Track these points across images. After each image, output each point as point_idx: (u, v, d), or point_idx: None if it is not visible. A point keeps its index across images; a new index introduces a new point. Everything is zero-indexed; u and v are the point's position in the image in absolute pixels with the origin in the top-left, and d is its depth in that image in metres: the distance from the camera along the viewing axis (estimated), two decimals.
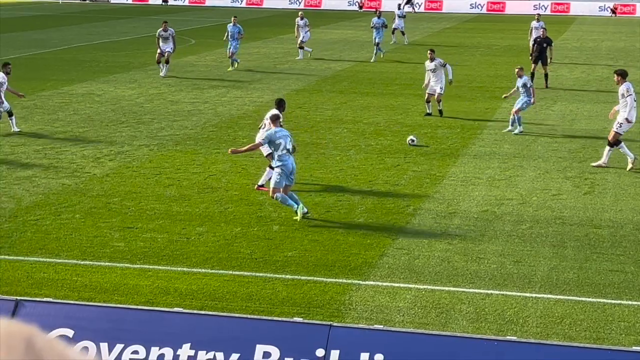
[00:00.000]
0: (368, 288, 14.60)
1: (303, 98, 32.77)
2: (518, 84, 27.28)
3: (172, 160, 23.21)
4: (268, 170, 20.39)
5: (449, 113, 30.03)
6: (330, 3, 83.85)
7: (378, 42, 44.88)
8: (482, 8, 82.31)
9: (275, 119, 18.34)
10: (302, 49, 45.18)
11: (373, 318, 13.30)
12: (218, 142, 25.38)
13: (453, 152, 24.69)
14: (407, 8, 78.75)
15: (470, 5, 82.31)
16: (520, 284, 14.87)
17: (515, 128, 27.06)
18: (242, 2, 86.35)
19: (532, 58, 36.98)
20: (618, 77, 23.10)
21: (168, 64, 37.77)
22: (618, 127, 22.68)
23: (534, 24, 43.77)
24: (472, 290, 14.56)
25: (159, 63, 37.96)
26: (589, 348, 10.86)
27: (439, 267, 15.61)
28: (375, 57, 44.83)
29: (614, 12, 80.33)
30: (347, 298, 14.17)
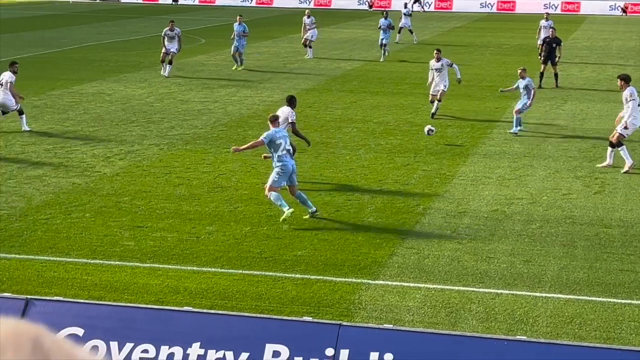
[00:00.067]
0: (378, 287, 14.59)
1: (313, 97, 32.78)
2: (520, 85, 27.10)
3: (182, 160, 23.23)
4: None
5: (459, 113, 29.98)
6: (340, 2, 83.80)
7: (385, 43, 44.74)
8: (492, 7, 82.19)
9: (274, 120, 18.30)
10: (310, 48, 45.10)
11: (382, 317, 13.29)
12: (228, 141, 25.39)
13: (463, 151, 24.66)
14: (416, 7, 78.71)
15: (481, 5, 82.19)
16: (530, 284, 14.84)
17: (513, 127, 26.77)
18: (252, 1, 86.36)
19: (541, 58, 36.90)
20: (621, 82, 23.09)
21: (171, 65, 37.50)
22: (623, 129, 22.62)
23: (543, 23, 43.68)
24: (482, 290, 14.54)
25: (163, 62, 37.75)
26: (599, 348, 10.83)
27: (449, 266, 15.60)
28: (384, 56, 44.79)
29: (625, 11, 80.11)
30: (356, 297, 14.16)
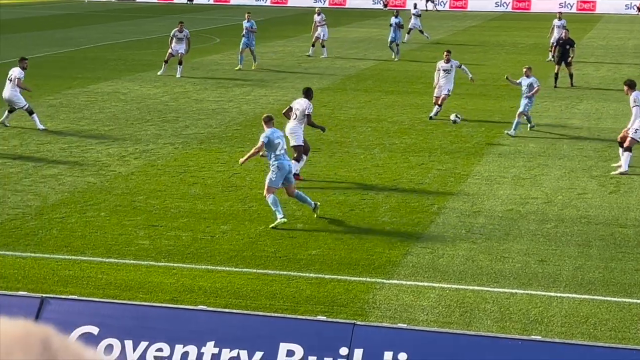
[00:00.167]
0: (392, 287, 14.58)
1: (327, 96, 32.77)
2: (523, 83, 26.87)
3: (196, 159, 23.27)
4: (294, 163, 20.82)
5: (474, 112, 29.92)
6: (355, 2, 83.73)
7: (397, 42, 44.37)
8: (507, 6, 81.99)
9: (269, 120, 18.16)
10: (324, 47, 45.03)
11: (397, 317, 13.28)
12: (242, 140, 25.41)
13: (478, 150, 24.62)
14: (429, 6, 78.53)
15: (496, 4, 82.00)
16: (545, 284, 14.81)
17: (511, 129, 26.53)
18: (266, 0, 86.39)
19: (554, 60, 36.80)
20: (626, 88, 23.00)
21: (182, 65, 37.30)
22: (634, 132, 22.46)
23: (556, 22, 43.59)
24: (496, 290, 14.52)
25: (166, 62, 37.42)
26: (615, 348, 10.80)
27: (463, 266, 15.57)
28: (398, 55, 44.61)
29: None
30: (370, 297, 14.16)
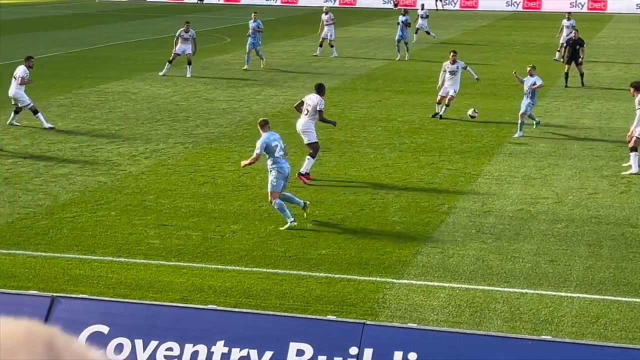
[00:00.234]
0: (402, 286, 14.58)
1: (337, 96, 32.76)
2: (526, 82, 26.74)
3: (206, 158, 23.29)
4: (308, 159, 20.93)
5: (484, 112, 29.86)
6: (365, 1, 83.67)
7: (406, 41, 44.18)
8: (518, 6, 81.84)
9: (264, 124, 18.07)
10: (332, 46, 44.95)
11: (407, 317, 13.28)
12: (253, 140, 25.34)
13: (488, 150, 24.59)
14: (439, 5, 78.40)
15: (506, 3, 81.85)
16: (556, 283, 14.78)
17: (517, 132, 26.38)
18: (277, 0, 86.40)
19: (563, 59, 36.72)
20: (633, 89, 22.89)
21: (191, 65, 37.19)
22: (639, 133, 22.34)
23: (565, 23, 43.50)
24: (506, 290, 14.50)
25: (170, 62, 37.17)
26: (625, 348, 10.78)
27: (474, 265, 15.56)
28: (408, 54, 44.45)
29: None
30: (380, 296, 14.16)
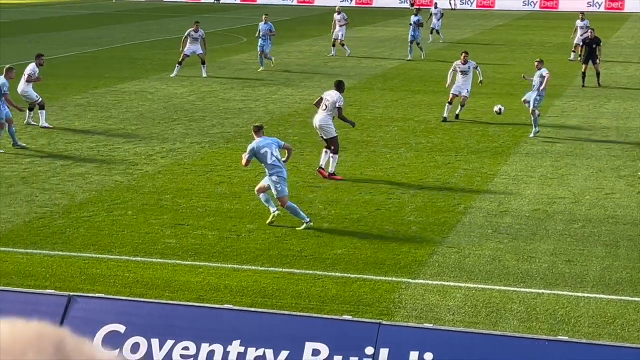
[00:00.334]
0: (418, 286, 14.56)
1: (354, 96, 32.73)
2: (535, 76, 26.74)
3: (222, 158, 23.32)
4: (324, 154, 21.21)
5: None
6: (381, 1, 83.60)
7: (418, 42, 43.87)
8: (534, 5, 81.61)
9: (258, 130, 18.03)
10: (343, 45, 44.89)
11: (423, 316, 13.26)
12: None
13: (504, 150, 24.53)
14: (453, 4, 78.13)
15: (523, 3, 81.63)
16: (572, 284, 14.73)
17: (534, 129, 26.24)
18: (293, 0, 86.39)
19: (581, 58, 36.59)
20: None
21: (205, 64, 37.07)
22: None
23: (579, 23, 43.33)
24: (523, 290, 14.46)
25: (180, 63, 36.99)
26: None
27: (490, 265, 15.52)
28: (424, 53, 44.27)
29: None
30: (396, 296, 14.14)
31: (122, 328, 10.68)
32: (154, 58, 43.87)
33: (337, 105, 21.22)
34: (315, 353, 10.25)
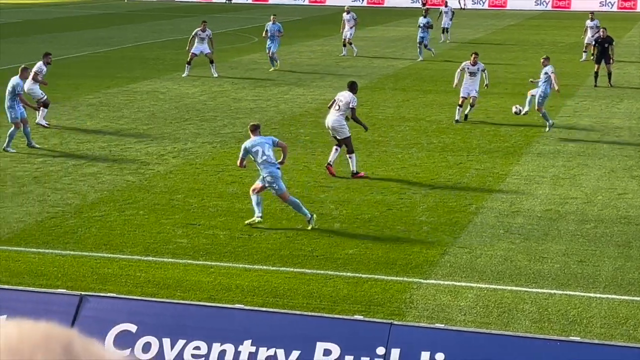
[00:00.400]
0: (429, 287, 14.54)
1: (365, 96, 32.71)
2: (541, 73, 26.89)
3: (234, 158, 23.25)
4: (335, 151, 21.35)
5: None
6: (393, 0, 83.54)
7: (426, 43, 43.63)
8: (547, 5, 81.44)
9: (255, 129, 18.05)
10: (351, 44, 44.81)
11: (434, 317, 13.24)
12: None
13: (516, 150, 24.48)
14: (462, 3, 77.97)
15: (535, 2, 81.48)
16: (585, 284, 14.69)
17: (547, 123, 26.65)
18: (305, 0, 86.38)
19: (594, 58, 36.47)
20: None
21: (214, 64, 37.04)
22: None
23: (589, 23, 43.23)
24: (535, 290, 14.43)
25: (189, 64, 37.00)
26: None
27: (502, 266, 15.49)
28: (434, 53, 44.11)
29: None
30: (408, 296, 14.13)
31: (133, 328, 10.70)
32: (166, 58, 43.93)
33: (350, 106, 21.28)
34: (327, 353, 10.25)
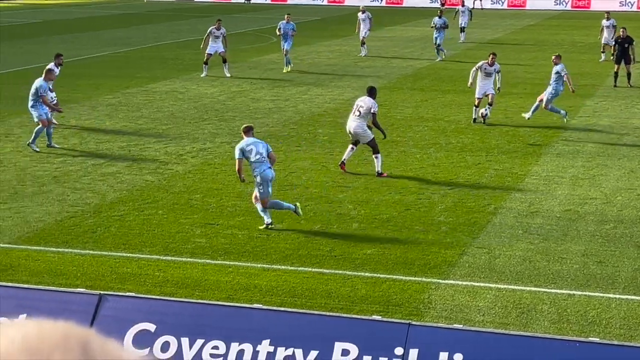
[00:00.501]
0: (448, 287, 14.52)
1: (384, 96, 32.68)
2: (553, 71, 27.06)
3: None
4: (350, 149, 21.54)
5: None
6: (412, 0, 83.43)
7: (439, 43, 43.35)
8: (566, 4, 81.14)
9: (247, 130, 18.04)
10: (364, 44, 44.67)
11: (452, 317, 13.22)
12: (298, 139, 25.47)
13: (535, 150, 24.41)
14: (477, 4, 77.69)
15: (555, 2, 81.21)
16: (604, 285, 14.63)
17: (563, 115, 27.04)
18: (323, 0, 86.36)
19: (613, 58, 36.28)
20: None
21: (227, 63, 36.98)
22: None
23: (604, 23, 43.02)
24: (554, 291, 14.38)
25: (206, 64, 37.03)
26: None
27: (520, 266, 15.45)
28: (440, 57, 43.79)
29: None
30: (426, 297, 14.11)
31: (152, 327, 10.73)
32: (185, 58, 44.03)
33: (372, 111, 21.32)
34: (345, 353, 10.25)
